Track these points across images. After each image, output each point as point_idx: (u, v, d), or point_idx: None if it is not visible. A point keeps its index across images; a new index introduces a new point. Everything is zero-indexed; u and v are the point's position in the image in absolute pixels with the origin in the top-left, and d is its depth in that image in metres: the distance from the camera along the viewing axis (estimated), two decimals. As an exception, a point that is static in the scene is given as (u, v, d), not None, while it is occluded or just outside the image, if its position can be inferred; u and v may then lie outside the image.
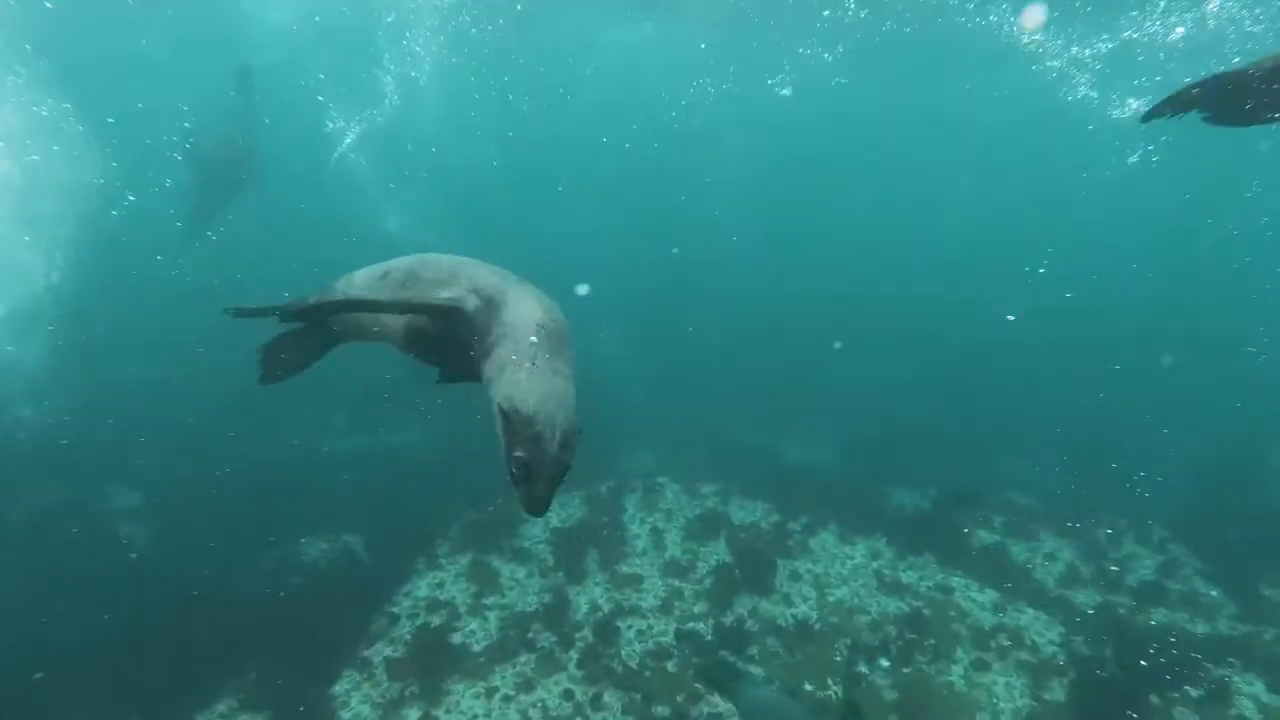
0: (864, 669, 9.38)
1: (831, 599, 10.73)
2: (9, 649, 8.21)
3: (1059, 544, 12.49)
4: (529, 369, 2.97)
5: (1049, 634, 10.15)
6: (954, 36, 18.19)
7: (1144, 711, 8.65)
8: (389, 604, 10.32)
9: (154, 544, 11.69)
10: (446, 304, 3.29)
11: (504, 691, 8.76)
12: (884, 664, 9.44)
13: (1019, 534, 12.70)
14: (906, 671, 9.35)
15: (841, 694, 8.81)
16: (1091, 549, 12.37)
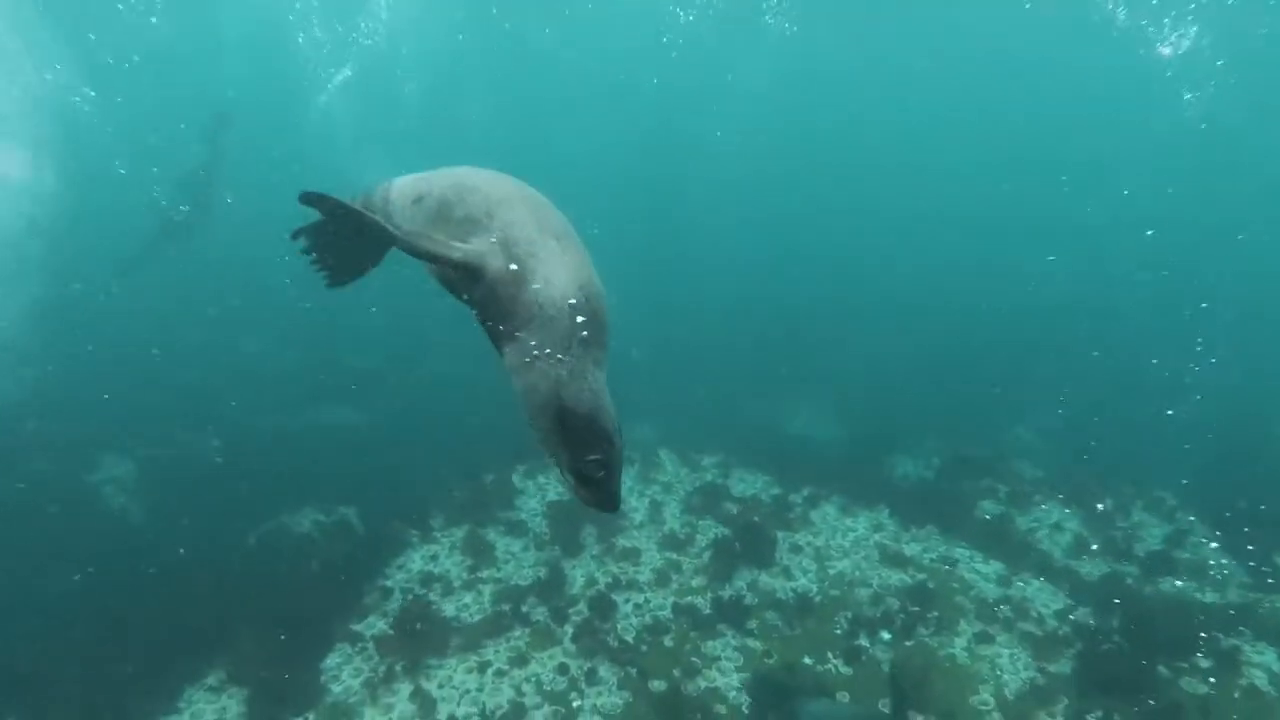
0: (865, 642, 9.19)
1: (832, 572, 10.53)
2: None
3: (1066, 514, 12.24)
4: (569, 364, 2.62)
5: (1055, 605, 9.93)
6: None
7: (1151, 683, 8.45)
8: (382, 577, 10.17)
9: (145, 514, 11.60)
10: (463, 260, 2.85)
11: (497, 666, 8.61)
12: (885, 637, 9.25)
13: (1025, 504, 12.44)
14: (908, 644, 9.16)
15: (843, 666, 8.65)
16: (1100, 519, 12.11)
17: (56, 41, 15.78)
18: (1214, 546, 11.44)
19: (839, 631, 9.37)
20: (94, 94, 17.27)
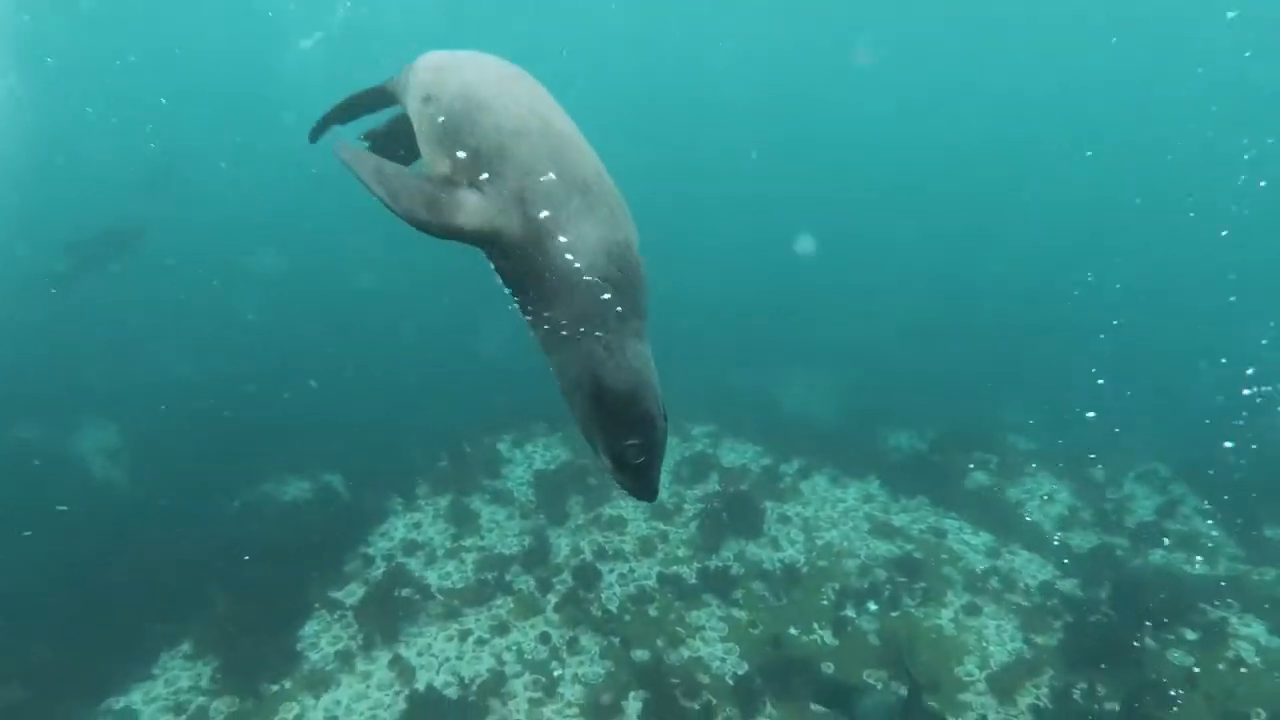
0: (851, 613, 9.09)
1: (820, 542, 10.42)
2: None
3: (1058, 486, 12.14)
4: (605, 339, 2.33)
5: (1043, 576, 9.84)
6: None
7: (1139, 654, 8.37)
8: (364, 545, 10.04)
9: (128, 480, 11.48)
10: (473, 232, 2.45)
11: (478, 634, 8.50)
12: (872, 608, 9.15)
13: (1016, 475, 12.34)
14: (894, 615, 9.07)
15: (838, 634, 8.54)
16: (1091, 490, 12.01)
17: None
18: (1205, 518, 11.35)
19: (825, 602, 9.27)
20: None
